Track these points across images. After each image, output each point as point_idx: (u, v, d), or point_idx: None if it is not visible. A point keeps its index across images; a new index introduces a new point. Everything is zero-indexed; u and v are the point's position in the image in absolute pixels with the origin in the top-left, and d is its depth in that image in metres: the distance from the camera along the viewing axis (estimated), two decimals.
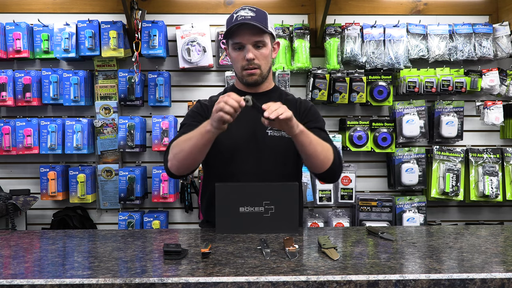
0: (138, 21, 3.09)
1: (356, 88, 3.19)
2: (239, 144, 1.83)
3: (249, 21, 1.76)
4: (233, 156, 1.83)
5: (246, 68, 1.82)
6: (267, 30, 1.80)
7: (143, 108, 3.32)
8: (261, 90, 1.91)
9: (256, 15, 1.79)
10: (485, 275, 1.11)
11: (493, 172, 3.22)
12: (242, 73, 1.84)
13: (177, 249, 1.27)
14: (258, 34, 1.79)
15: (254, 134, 1.83)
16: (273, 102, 1.59)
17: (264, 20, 1.81)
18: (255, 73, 1.82)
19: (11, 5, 3.28)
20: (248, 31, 1.78)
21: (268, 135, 1.83)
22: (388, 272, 1.13)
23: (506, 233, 1.62)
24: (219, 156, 1.84)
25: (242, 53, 1.80)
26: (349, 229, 1.82)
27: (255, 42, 1.79)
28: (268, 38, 1.83)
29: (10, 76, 3.14)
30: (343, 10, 3.36)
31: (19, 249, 1.44)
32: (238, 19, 1.78)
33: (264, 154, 1.81)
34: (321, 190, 3.21)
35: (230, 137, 1.82)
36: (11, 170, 3.31)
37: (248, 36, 1.78)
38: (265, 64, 1.84)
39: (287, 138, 1.78)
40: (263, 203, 1.57)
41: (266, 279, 1.09)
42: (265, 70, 1.85)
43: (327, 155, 1.72)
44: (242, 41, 1.79)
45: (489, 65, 3.38)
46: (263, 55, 1.81)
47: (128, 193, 3.15)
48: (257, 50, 1.80)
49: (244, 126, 1.83)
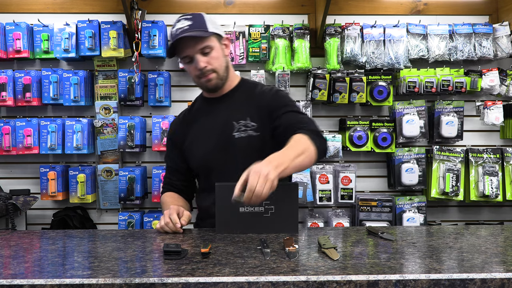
0: (138, 21, 3.09)
1: (356, 88, 3.19)
2: (210, 156, 1.84)
3: (187, 31, 1.70)
4: (208, 169, 1.86)
5: (201, 76, 1.78)
6: (208, 33, 1.74)
7: (143, 108, 3.32)
8: (225, 91, 1.88)
9: (193, 22, 1.73)
10: (485, 275, 1.11)
11: (493, 172, 3.22)
12: (200, 82, 1.81)
13: (177, 249, 1.27)
14: (201, 41, 1.73)
15: (221, 141, 1.82)
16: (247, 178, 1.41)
17: (203, 24, 1.75)
18: (211, 77, 1.79)
19: (11, 5, 3.28)
20: (190, 42, 1.73)
21: (235, 137, 1.80)
22: (388, 272, 1.13)
23: (506, 233, 1.62)
24: (196, 172, 1.95)
25: (194, 65, 1.77)
26: (349, 229, 1.82)
27: (201, 50, 1.74)
28: (213, 40, 1.77)
29: (10, 76, 3.14)
30: (343, 10, 3.36)
31: (19, 249, 1.44)
32: (177, 33, 1.72)
33: (237, 159, 1.78)
34: (321, 190, 3.21)
35: (200, 152, 1.86)
36: (11, 170, 3.32)
37: (192, 47, 1.73)
38: (219, 65, 1.79)
39: (255, 135, 1.78)
40: (263, 203, 1.57)
41: (266, 279, 1.09)
42: (221, 71, 1.80)
43: (311, 154, 1.61)
44: (188, 54, 1.75)
45: (489, 65, 3.38)
46: (213, 58, 1.76)
47: (128, 193, 3.15)
48: (206, 56, 1.75)
49: (211, 135, 1.84)
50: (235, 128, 1.80)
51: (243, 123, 1.80)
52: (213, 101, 1.89)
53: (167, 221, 1.63)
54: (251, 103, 1.84)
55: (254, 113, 1.81)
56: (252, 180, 1.37)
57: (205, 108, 1.91)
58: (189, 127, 1.92)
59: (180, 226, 1.63)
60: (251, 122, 1.80)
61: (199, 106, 1.95)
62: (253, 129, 1.79)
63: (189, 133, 1.92)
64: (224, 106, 1.87)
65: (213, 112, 1.88)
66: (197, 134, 1.89)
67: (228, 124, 1.81)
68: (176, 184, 1.98)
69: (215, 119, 1.86)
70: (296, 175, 3.14)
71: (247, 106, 1.83)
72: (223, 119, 1.83)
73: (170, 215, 1.64)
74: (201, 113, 1.91)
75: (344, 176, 3.23)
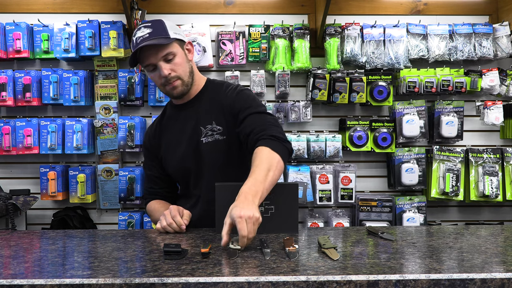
0: (138, 21, 3.09)
1: (356, 88, 3.19)
2: (184, 162, 1.85)
3: (147, 40, 1.69)
4: (184, 175, 1.87)
5: (166, 84, 1.77)
6: (170, 39, 1.72)
7: (143, 108, 3.32)
8: (191, 96, 1.87)
9: (153, 30, 1.71)
10: (485, 275, 1.11)
11: (493, 172, 3.22)
12: (166, 89, 1.80)
13: (177, 249, 1.27)
14: (162, 48, 1.71)
15: (191, 146, 1.83)
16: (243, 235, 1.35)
17: (163, 31, 1.73)
18: (176, 85, 1.77)
19: (11, 5, 3.28)
20: (152, 50, 1.71)
21: (203, 142, 1.81)
22: (388, 272, 1.13)
23: (506, 233, 1.62)
24: (175, 179, 1.95)
25: (158, 73, 1.75)
26: (349, 229, 1.82)
27: (163, 57, 1.72)
28: (175, 46, 1.75)
29: (10, 76, 3.14)
30: (343, 10, 3.36)
31: (19, 249, 1.44)
32: (138, 42, 1.71)
33: (207, 163, 1.81)
34: (321, 190, 3.21)
35: (174, 158, 1.87)
36: (11, 170, 3.32)
37: (154, 55, 1.71)
38: (183, 71, 1.78)
39: (221, 139, 1.80)
40: (263, 203, 1.57)
41: (266, 279, 1.09)
42: (186, 77, 1.79)
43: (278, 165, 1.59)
44: (151, 62, 1.73)
45: (489, 65, 3.38)
46: (177, 65, 1.75)
47: (128, 193, 3.15)
48: (169, 64, 1.74)
49: (181, 141, 1.85)
50: (203, 133, 1.82)
51: (210, 128, 1.82)
52: (181, 107, 1.89)
53: (170, 222, 1.62)
54: (216, 105, 1.84)
55: (219, 116, 1.82)
56: (241, 227, 1.33)
57: (174, 115, 1.92)
58: (162, 134, 1.93)
59: (184, 227, 1.63)
60: (216, 126, 1.81)
61: (169, 113, 1.95)
62: (219, 133, 1.81)
63: (162, 140, 1.92)
64: (192, 111, 1.87)
65: (182, 118, 1.88)
66: (170, 141, 1.90)
67: (196, 129, 1.83)
68: (159, 192, 1.98)
69: (185, 125, 1.87)
70: (296, 175, 3.14)
71: (213, 110, 1.84)
72: (192, 124, 1.85)
73: (173, 216, 1.63)
74: (171, 120, 1.92)
75: (344, 176, 3.23)
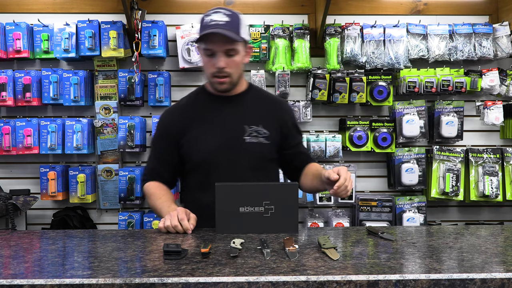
0: (138, 21, 3.09)
1: (356, 88, 3.19)
2: (215, 154, 1.82)
3: (222, 28, 1.69)
4: (210, 166, 1.83)
5: (216, 75, 1.77)
6: (240, 38, 1.73)
7: (143, 108, 3.32)
8: (233, 93, 1.87)
9: (230, 20, 1.72)
10: (485, 275, 1.11)
11: (493, 172, 3.22)
12: (212, 80, 1.80)
13: (177, 249, 1.27)
14: (230, 42, 1.72)
15: (230, 141, 1.82)
16: (343, 174, 1.64)
17: (238, 26, 1.74)
18: (225, 81, 1.78)
19: (11, 5, 3.28)
20: (220, 39, 1.71)
21: (246, 141, 1.81)
22: (388, 272, 1.13)
23: (506, 233, 1.62)
24: (196, 168, 1.87)
25: (213, 60, 1.75)
26: (349, 229, 1.82)
27: (226, 50, 1.73)
28: (240, 45, 1.76)
29: (10, 76, 3.14)
30: (343, 10, 3.36)
31: (19, 249, 1.44)
32: (210, 24, 1.71)
33: (244, 162, 1.81)
34: None
35: (204, 148, 1.83)
36: (11, 170, 3.32)
37: (220, 44, 1.72)
38: (236, 71, 1.79)
39: (265, 144, 1.82)
40: (263, 203, 1.57)
41: (266, 279, 1.09)
42: (235, 78, 1.80)
43: None
44: (213, 48, 1.73)
45: (489, 65, 3.38)
46: (234, 63, 1.76)
47: (128, 193, 3.15)
48: (228, 58, 1.74)
49: (218, 133, 1.83)
50: (247, 132, 1.82)
51: (255, 129, 1.83)
52: (221, 99, 1.87)
53: (175, 224, 1.60)
54: (264, 110, 1.87)
55: (270, 123, 1.85)
56: (347, 177, 1.62)
57: (211, 105, 1.88)
58: (192, 121, 1.87)
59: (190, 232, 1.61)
60: (263, 129, 1.84)
61: (204, 102, 1.91)
62: (265, 137, 1.83)
63: (191, 127, 1.87)
64: (235, 107, 1.86)
65: (221, 110, 1.86)
66: (203, 129, 1.85)
67: (239, 126, 1.82)
68: (164, 175, 1.92)
69: (225, 119, 1.84)
70: None
71: (260, 113, 1.86)
72: (234, 120, 1.84)
73: (181, 219, 1.61)
74: (207, 109, 1.88)
75: None
